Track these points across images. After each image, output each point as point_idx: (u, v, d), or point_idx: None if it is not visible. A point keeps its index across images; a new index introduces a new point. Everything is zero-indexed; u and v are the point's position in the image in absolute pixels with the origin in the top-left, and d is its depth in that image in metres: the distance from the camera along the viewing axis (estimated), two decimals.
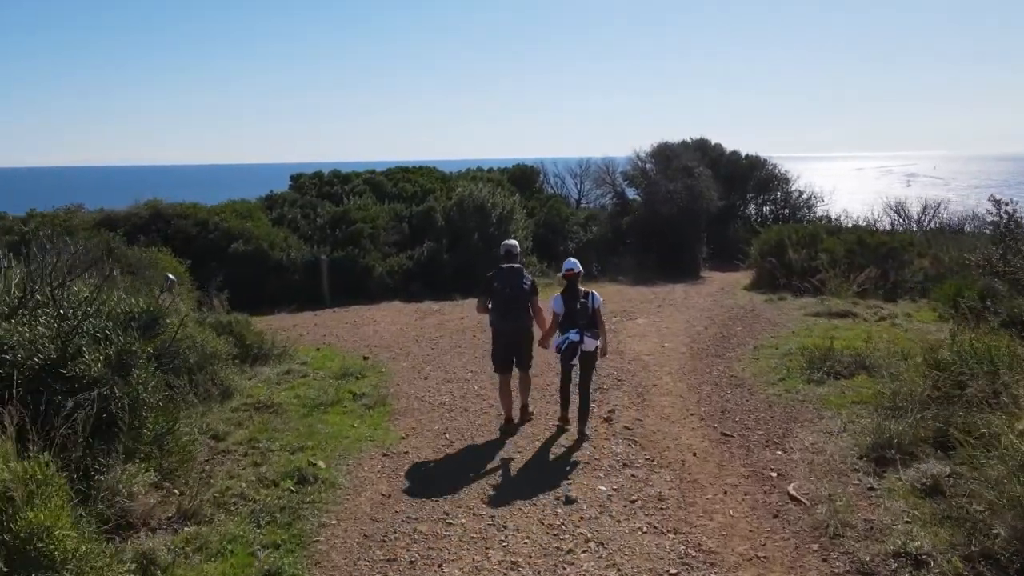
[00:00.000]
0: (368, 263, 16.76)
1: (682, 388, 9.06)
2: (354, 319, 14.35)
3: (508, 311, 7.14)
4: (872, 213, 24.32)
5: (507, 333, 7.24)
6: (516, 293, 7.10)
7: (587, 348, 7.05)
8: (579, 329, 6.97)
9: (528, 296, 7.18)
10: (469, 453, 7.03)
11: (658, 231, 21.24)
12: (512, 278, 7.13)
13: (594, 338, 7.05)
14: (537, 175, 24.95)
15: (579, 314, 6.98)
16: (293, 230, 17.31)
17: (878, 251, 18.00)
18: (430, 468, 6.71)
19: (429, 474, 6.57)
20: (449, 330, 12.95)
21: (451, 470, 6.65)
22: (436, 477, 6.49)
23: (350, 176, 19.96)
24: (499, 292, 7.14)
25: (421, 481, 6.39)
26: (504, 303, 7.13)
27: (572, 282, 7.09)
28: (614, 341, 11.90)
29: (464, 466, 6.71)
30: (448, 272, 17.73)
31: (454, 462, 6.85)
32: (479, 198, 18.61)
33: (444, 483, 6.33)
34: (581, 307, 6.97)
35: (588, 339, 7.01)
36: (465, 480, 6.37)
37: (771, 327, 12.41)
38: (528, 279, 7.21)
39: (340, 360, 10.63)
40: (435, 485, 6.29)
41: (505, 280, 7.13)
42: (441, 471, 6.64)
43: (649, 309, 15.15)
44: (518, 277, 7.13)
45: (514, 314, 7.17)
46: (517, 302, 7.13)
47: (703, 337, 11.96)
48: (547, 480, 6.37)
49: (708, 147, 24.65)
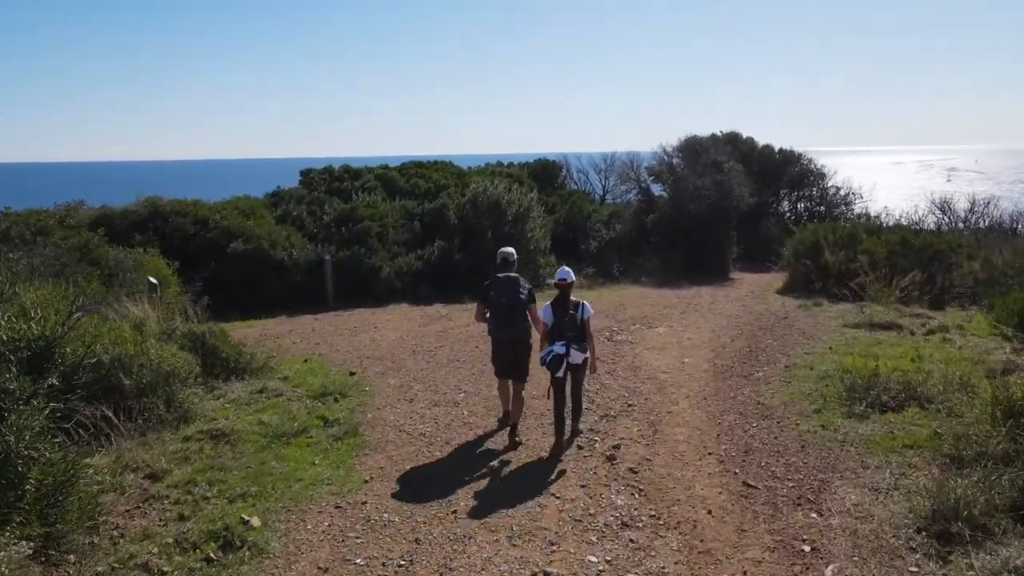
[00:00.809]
0: (375, 263, 15.66)
1: (701, 417, 7.77)
2: (354, 324, 13.26)
3: (505, 320, 6.96)
4: (915, 211, 22.64)
5: (505, 342, 7.09)
6: (513, 302, 6.92)
7: (573, 360, 6.72)
8: (565, 342, 6.66)
9: (525, 305, 6.99)
10: (440, 507, 5.83)
11: (685, 229, 19.82)
12: (509, 287, 6.96)
13: (581, 351, 6.74)
14: (559, 170, 23.65)
15: (567, 325, 6.68)
16: (298, 228, 16.28)
17: (923, 253, 16.42)
18: (388, 525, 5.52)
19: (386, 535, 5.38)
20: (451, 339, 11.78)
21: (413, 528, 5.46)
22: (393, 539, 5.31)
23: (361, 171, 18.86)
24: (496, 301, 6.97)
25: (374, 544, 5.21)
26: (501, 312, 6.95)
27: (564, 292, 6.84)
28: (629, 354, 10.70)
29: (430, 525, 5.52)
30: (460, 273, 16.55)
31: (419, 517, 5.66)
32: (493, 195, 17.39)
33: (402, 545, 5.16)
34: (570, 319, 6.68)
35: (575, 352, 6.69)
36: (426, 549, 5.18)
37: (805, 340, 11.02)
38: (525, 288, 7.02)
39: (324, 376, 9.51)
40: (390, 553, 5.11)
41: (502, 289, 6.96)
42: (401, 531, 5.44)
43: (671, 316, 13.82)
44: (515, 286, 6.95)
45: (511, 323, 6.98)
46: (514, 311, 6.94)
47: (729, 351, 10.62)
48: (528, 551, 5.15)
49: (739, 141, 23.09)
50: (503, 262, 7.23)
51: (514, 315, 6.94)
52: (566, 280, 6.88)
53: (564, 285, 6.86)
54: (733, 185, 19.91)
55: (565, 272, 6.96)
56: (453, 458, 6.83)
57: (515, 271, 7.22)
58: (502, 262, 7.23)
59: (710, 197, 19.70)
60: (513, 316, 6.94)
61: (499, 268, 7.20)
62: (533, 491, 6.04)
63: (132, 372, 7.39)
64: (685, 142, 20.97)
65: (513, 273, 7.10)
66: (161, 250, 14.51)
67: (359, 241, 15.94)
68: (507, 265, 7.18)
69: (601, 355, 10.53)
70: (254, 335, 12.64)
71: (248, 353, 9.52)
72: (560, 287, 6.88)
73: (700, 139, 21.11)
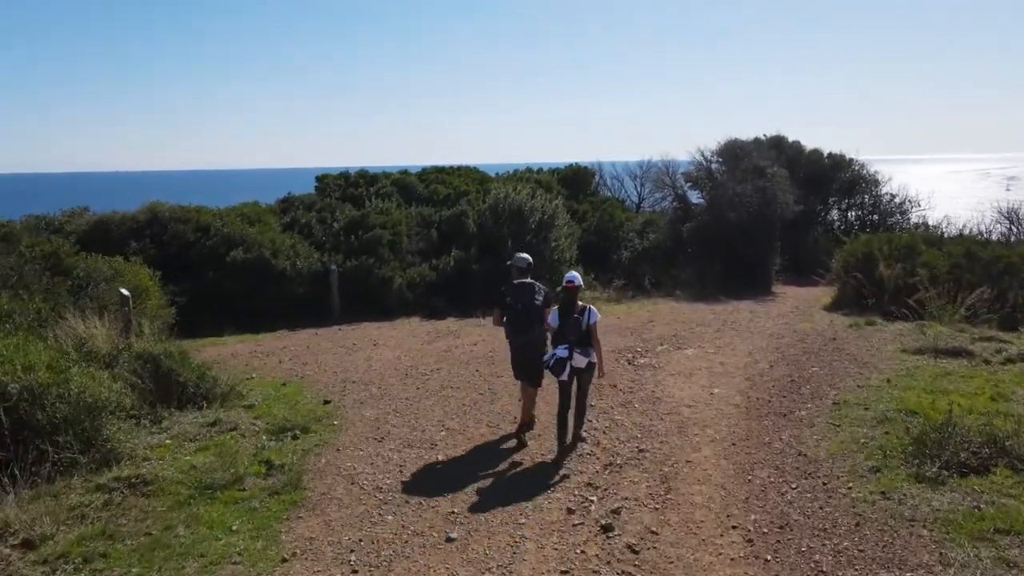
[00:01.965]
0: (385, 274, 14.34)
1: (726, 471, 6.16)
2: (354, 341, 11.92)
3: (521, 325, 6.91)
4: (979, 221, 20.44)
5: (521, 346, 7.00)
6: (528, 307, 6.87)
7: (577, 364, 6.49)
8: (568, 345, 6.48)
9: (540, 310, 6.90)
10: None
11: (724, 239, 18.04)
12: (525, 293, 6.92)
13: (585, 355, 6.50)
14: (592, 177, 22.08)
15: (571, 329, 6.51)
16: (306, 236, 15.06)
17: (991, 267, 14.41)
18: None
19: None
20: (452, 360, 10.34)
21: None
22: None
23: (378, 177, 17.57)
24: (512, 307, 6.95)
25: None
26: (517, 317, 6.91)
27: (570, 295, 6.63)
28: (651, 382, 9.12)
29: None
30: (476, 285, 15.13)
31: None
32: (515, 201, 15.93)
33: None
34: (574, 322, 6.52)
35: (578, 355, 6.47)
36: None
37: (858, 368, 9.26)
38: (540, 293, 6.95)
39: (293, 405, 8.15)
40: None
41: (518, 295, 6.93)
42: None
43: (704, 335, 12.15)
44: (530, 292, 6.92)
45: (527, 328, 6.89)
46: (529, 316, 6.87)
47: (766, 381, 8.95)
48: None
49: (784, 145, 21.19)
50: (517, 269, 7.17)
51: (530, 320, 6.86)
52: (573, 283, 6.67)
53: (571, 287, 6.64)
54: (777, 192, 18.06)
55: (572, 275, 6.76)
56: (411, 520, 5.36)
57: (531, 277, 7.15)
58: (516, 269, 7.17)
59: (751, 204, 17.91)
60: (529, 321, 6.85)
61: (515, 275, 7.13)
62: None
63: (46, 405, 6.15)
64: (725, 146, 19.21)
65: (528, 280, 7.04)
66: (159, 259, 13.45)
67: (369, 250, 14.64)
68: (521, 272, 7.12)
69: (619, 383, 9.02)
70: (245, 351, 11.43)
71: (211, 377, 8.22)
72: (567, 289, 6.65)
73: (741, 143, 19.31)
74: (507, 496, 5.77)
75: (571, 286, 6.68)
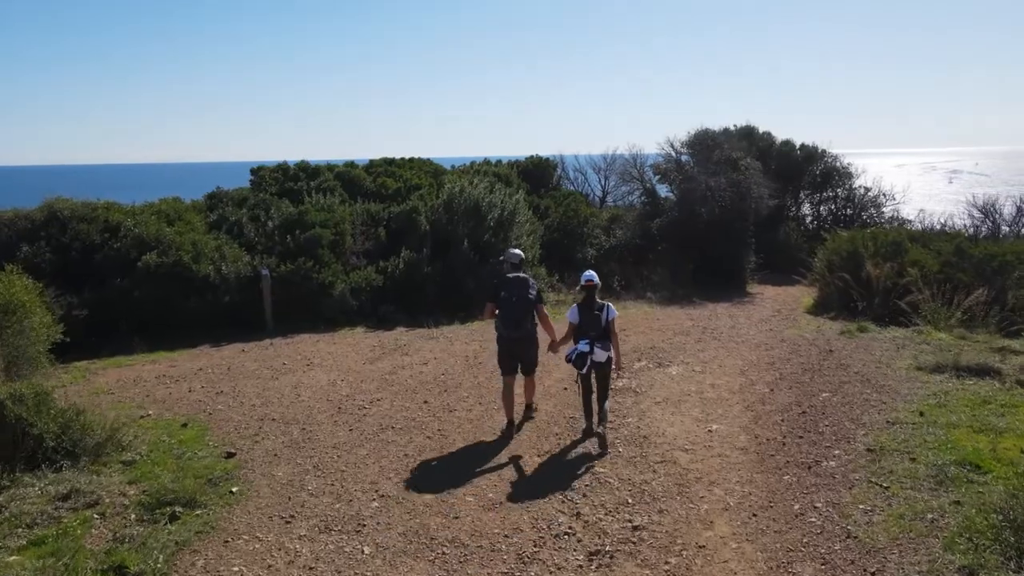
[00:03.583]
0: (325, 279, 12.35)
1: (755, 564, 4.42)
2: (284, 360, 9.95)
3: (513, 319, 6.77)
4: (951, 215, 19.22)
5: (513, 340, 6.88)
6: (521, 302, 6.76)
7: (597, 359, 6.55)
8: (589, 340, 6.54)
9: (533, 304, 6.84)
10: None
11: (696, 236, 16.45)
12: (518, 287, 6.79)
13: (604, 349, 6.58)
14: (553, 169, 20.28)
15: (591, 325, 6.55)
16: (235, 236, 12.99)
17: (984, 265, 13.04)
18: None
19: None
20: (397, 387, 8.46)
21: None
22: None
23: (319, 170, 15.47)
24: (505, 301, 6.78)
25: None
26: (510, 311, 6.77)
27: (589, 293, 6.68)
28: (634, 414, 7.41)
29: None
30: (430, 289, 13.27)
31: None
32: (472, 196, 14.07)
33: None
34: (595, 318, 6.55)
35: (598, 350, 6.53)
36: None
37: (876, 393, 7.63)
38: (534, 288, 6.87)
39: (187, 461, 6.20)
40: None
41: (511, 289, 6.78)
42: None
43: (685, 346, 10.48)
44: (523, 286, 6.80)
45: (520, 322, 6.79)
46: (523, 310, 6.77)
47: (771, 412, 7.28)
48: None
49: (755, 136, 19.68)
50: (510, 264, 7.06)
51: (523, 314, 6.78)
52: (592, 281, 6.72)
53: (590, 285, 6.70)
54: (751, 185, 16.52)
55: (590, 274, 6.80)
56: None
57: (524, 272, 7.04)
58: (509, 264, 7.07)
59: (725, 199, 16.34)
60: (522, 315, 6.77)
61: (508, 269, 7.02)
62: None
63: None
64: (695, 136, 17.57)
65: (522, 274, 6.93)
66: (57, 264, 11.28)
67: (307, 252, 12.63)
68: (514, 267, 7.01)
69: None
70: (152, 374, 9.39)
71: (81, 426, 6.21)
72: (586, 287, 6.72)
73: (713, 133, 17.70)
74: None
75: (590, 284, 6.69)
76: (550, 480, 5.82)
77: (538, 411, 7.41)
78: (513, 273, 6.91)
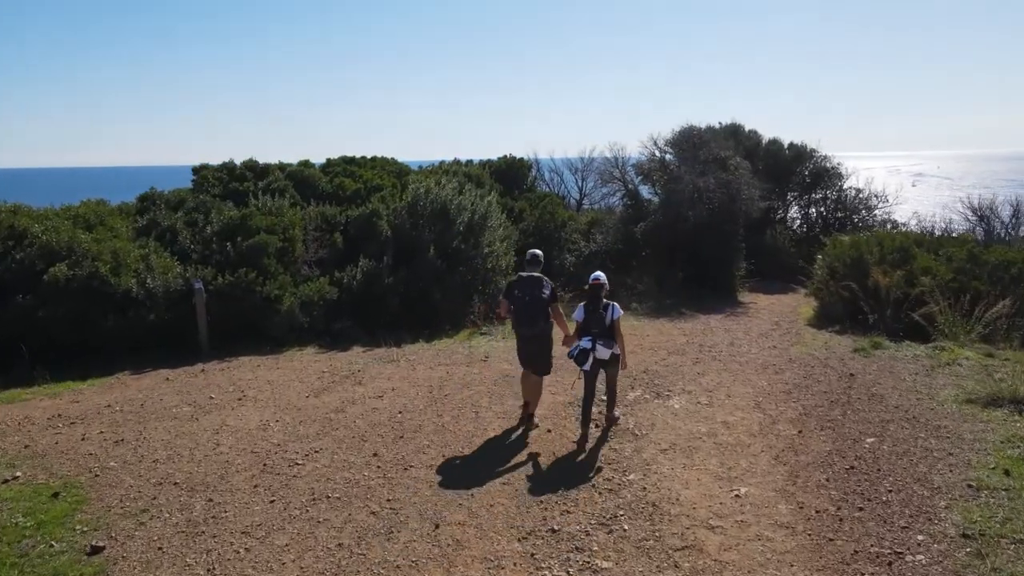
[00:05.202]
0: (271, 292, 10.55)
1: None
2: (212, 393, 8.16)
3: (527, 318, 6.60)
4: (941, 218, 17.98)
5: (528, 338, 6.72)
6: (535, 299, 6.54)
7: (600, 356, 6.38)
8: (591, 337, 6.39)
9: (547, 303, 6.59)
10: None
11: (683, 241, 14.92)
12: (531, 286, 6.57)
13: (607, 347, 6.41)
14: (528, 170, 18.62)
15: (594, 322, 6.43)
16: (168, 244, 11.12)
17: (1000, 273, 11.66)
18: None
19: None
20: (342, 431, 6.72)
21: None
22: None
23: (269, 169, 13.61)
24: (519, 300, 6.60)
25: None
26: (524, 311, 6.59)
27: (595, 292, 6.48)
28: (637, 468, 5.76)
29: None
30: (392, 302, 11.53)
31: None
32: (439, 197, 12.35)
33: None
34: (599, 317, 6.43)
35: (601, 347, 6.38)
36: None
37: (932, 438, 6.06)
38: (547, 287, 6.62)
39: (37, 557, 4.42)
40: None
41: (525, 288, 6.58)
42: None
43: (684, 371, 8.89)
44: (537, 286, 6.58)
45: (533, 321, 6.60)
46: (535, 309, 6.55)
47: (809, 466, 5.67)
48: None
49: (741, 134, 18.21)
50: (527, 263, 6.77)
51: (536, 313, 6.58)
52: (598, 280, 6.50)
53: (596, 284, 6.47)
54: (742, 186, 15.02)
55: (598, 274, 6.55)
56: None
57: (540, 271, 6.72)
58: (527, 263, 6.77)
59: (713, 201, 14.82)
60: (535, 314, 6.59)
61: (526, 266, 6.77)
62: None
63: None
64: (680, 134, 16.02)
65: (536, 273, 6.67)
66: None
67: (251, 261, 10.81)
68: (529, 265, 6.73)
69: (588, 469, 5.63)
70: (46, 413, 7.54)
71: None
72: (592, 287, 6.48)
73: (699, 131, 16.16)
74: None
75: (596, 283, 6.53)
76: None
77: (538, 427, 6.86)
78: (528, 272, 6.72)
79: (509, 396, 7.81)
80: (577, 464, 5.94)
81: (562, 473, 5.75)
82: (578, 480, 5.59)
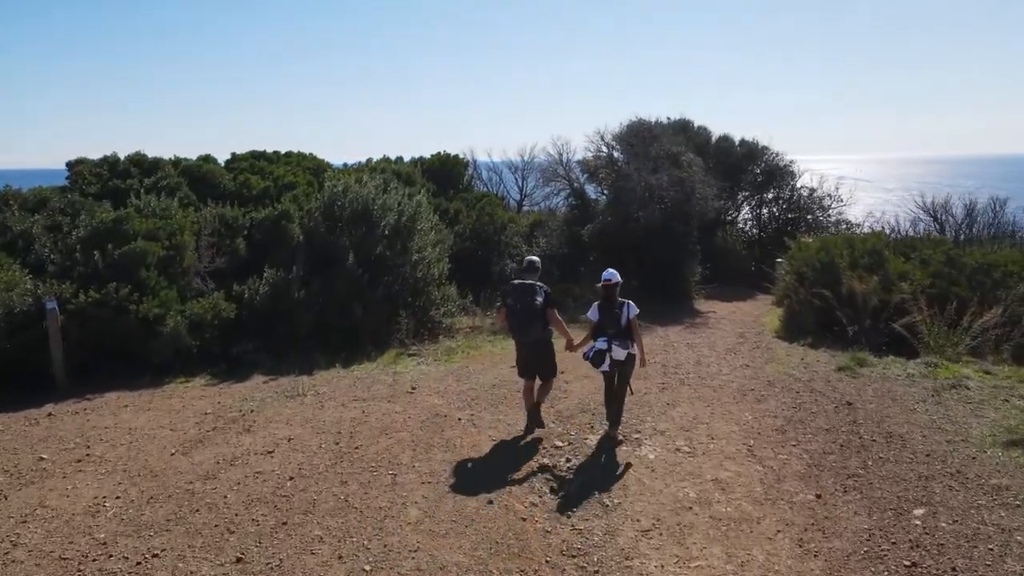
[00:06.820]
0: (149, 311, 8.40)
1: None
2: (49, 450, 6.03)
3: (522, 325, 6.25)
4: (896, 218, 17.01)
5: (526, 345, 6.37)
6: (527, 308, 6.17)
7: (616, 356, 6.04)
8: (607, 337, 6.05)
9: (541, 310, 6.20)
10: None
11: (633, 244, 13.33)
12: (524, 293, 6.21)
13: (623, 347, 6.04)
14: (464, 168, 16.76)
15: (609, 323, 6.08)
16: (19, 254, 8.82)
17: (981, 277, 10.43)
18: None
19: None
20: (204, 516, 4.73)
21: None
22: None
23: (159, 163, 11.34)
24: (512, 308, 6.26)
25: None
26: (516, 319, 6.25)
27: (609, 291, 6.16)
28: (611, 552, 3.91)
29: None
30: (302, 320, 9.50)
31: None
32: (360, 196, 10.39)
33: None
34: (614, 316, 6.09)
35: (616, 348, 6.02)
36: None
37: (998, 507, 4.53)
38: (541, 294, 6.22)
39: None
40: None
41: (517, 296, 6.23)
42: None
43: (650, 401, 7.22)
44: (530, 293, 6.20)
45: (528, 328, 6.22)
46: (529, 316, 6.19)
47: (851, 554, 4.02)
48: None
49: (691, 130, 16.75)
50: (520, 270, 6.48)
51: (530, 320, 6.18)
52: (611, 280, 6.14)
53: (608, 284, 6.12)
54: (696, 184, 13.53)
55: (611, 272, 6.19)
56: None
57: (534, 278, 6.26)
58: (525, 267, 6.41)
59: (666, 200, 13.28)
60: (529, 321, 6.19)
61: (520, 273, 6.41)
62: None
63: None
64: (629, 128, 14.43)
65: (529, 280, 6.24)
66: None
67: (124, 274, 8.63)
68: (523, 272, 6.37)
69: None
70: None
71: None
72: (605, 287, 6.14)
73: (649, 125, 14.61)
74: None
75: (609, 283, 6.13)
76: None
77: (545, 428, 6.52)
78: (519, 279, 6.37)
79: (438, 447, 5.98)
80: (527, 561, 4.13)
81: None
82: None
